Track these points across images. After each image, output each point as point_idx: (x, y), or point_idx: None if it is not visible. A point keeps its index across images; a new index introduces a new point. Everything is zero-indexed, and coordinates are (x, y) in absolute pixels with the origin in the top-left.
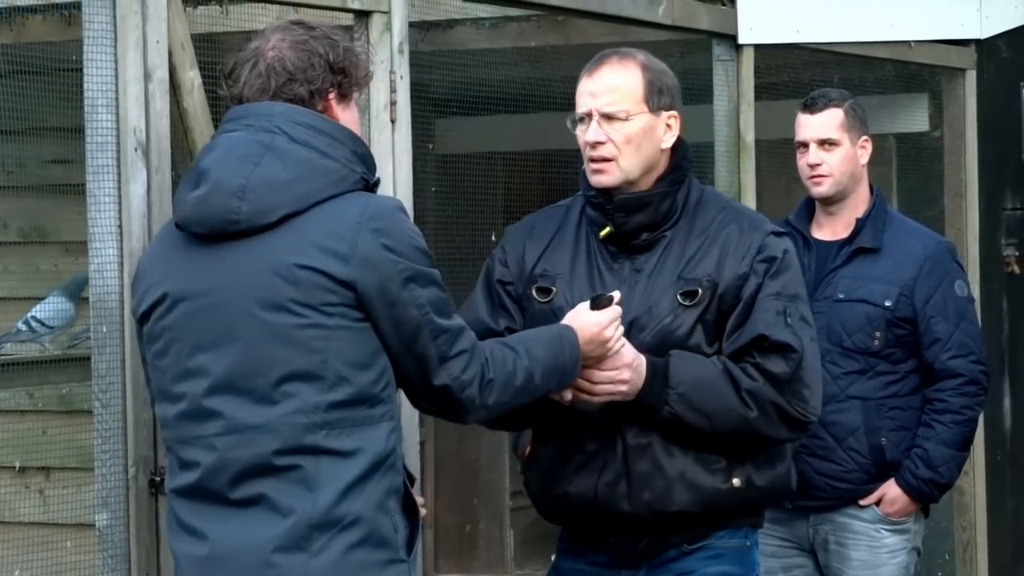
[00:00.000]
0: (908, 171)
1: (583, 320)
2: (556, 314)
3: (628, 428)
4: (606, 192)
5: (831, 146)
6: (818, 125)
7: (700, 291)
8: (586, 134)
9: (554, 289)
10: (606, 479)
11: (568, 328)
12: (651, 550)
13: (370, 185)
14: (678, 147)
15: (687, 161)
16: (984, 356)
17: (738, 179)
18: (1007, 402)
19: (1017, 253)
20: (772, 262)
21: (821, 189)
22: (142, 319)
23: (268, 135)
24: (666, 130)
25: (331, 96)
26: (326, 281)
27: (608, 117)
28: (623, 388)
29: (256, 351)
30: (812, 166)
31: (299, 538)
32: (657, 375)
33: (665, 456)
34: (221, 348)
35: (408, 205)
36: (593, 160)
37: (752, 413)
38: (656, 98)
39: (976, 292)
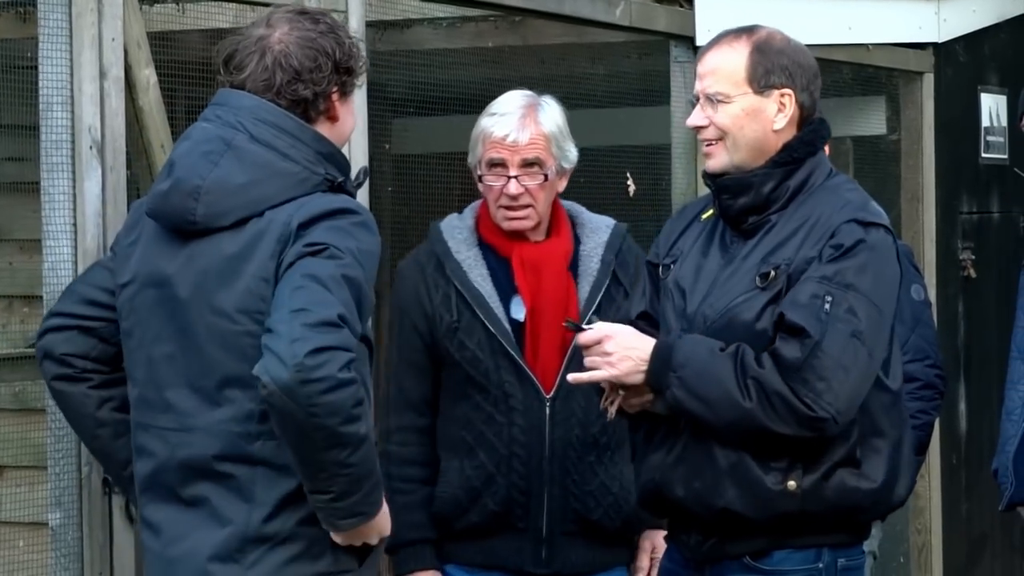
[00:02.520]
0: (865, 174)
1: None
2: (665, 292)
3: None
4: (715, 175)
5: None
6: None
7: (774, 273)
8: (691, 118)
9: (673, 267)
10: (668, 461)
11: None
12: (713, 555)
13: (336, 185)
14: (801, 126)
15: (804, 143)
16: (940, 360)
17: (695, 180)
18: (963, 406)
19: (973, 257)
20: (838, 248)
21: None
22: (119, 287)
23: (231, 131)
24: (779, 109)
25: (334, 95)
26: (264, 287)
27: (711, 100)
28: (610, 361)
29: (203, 352)
30: None
31: (233, 550)
32: (661, 355)
33: (719, 445)
34: (179, 342)
35: (364, 205)
36: (702, 143)
37: (749, 403)
38: (764, 77)
39: (932, 296)
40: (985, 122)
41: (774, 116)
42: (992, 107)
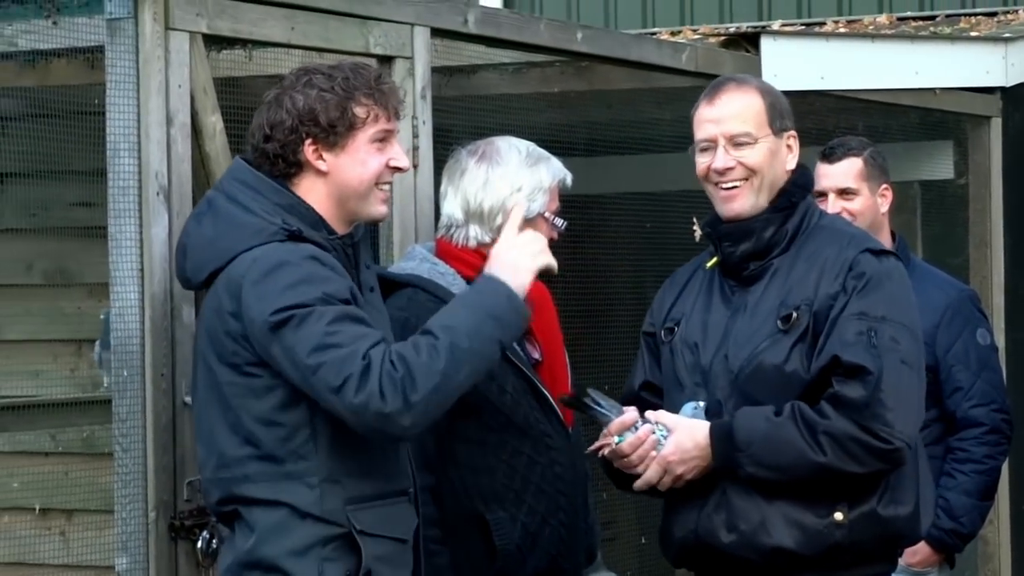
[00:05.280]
0: (933, 219)
1: (498, 249)
2: (673, 351)
3: None
4: (717, 223)
5: (850, 195)
6: (837, 175)
7: (795, 315)
8: (714, 161)
9: (677, 328)
10: (707, 511)
11: (486, 275)
12: None
13: (294, 233)
14: (791, 172)
15: (798, 187)
16: (1007, 405)
17: None
18: None
19: None
20: (860, 278)
21: None
22: None
23: (215, 192)
24: (788, 151)
25: (308, 149)
26: (230, 341)
27: (735, 142)
28: (682, 479)
29: (200, 405)
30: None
31: (233, 575)
32: (723, 441)
33: (758, 486)
34: (194, 400)
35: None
36: (722, 187)
37: (823, 457)
38: (779, 120)
39: (1001, 341)
40: None
41: (786, 157)
42: None
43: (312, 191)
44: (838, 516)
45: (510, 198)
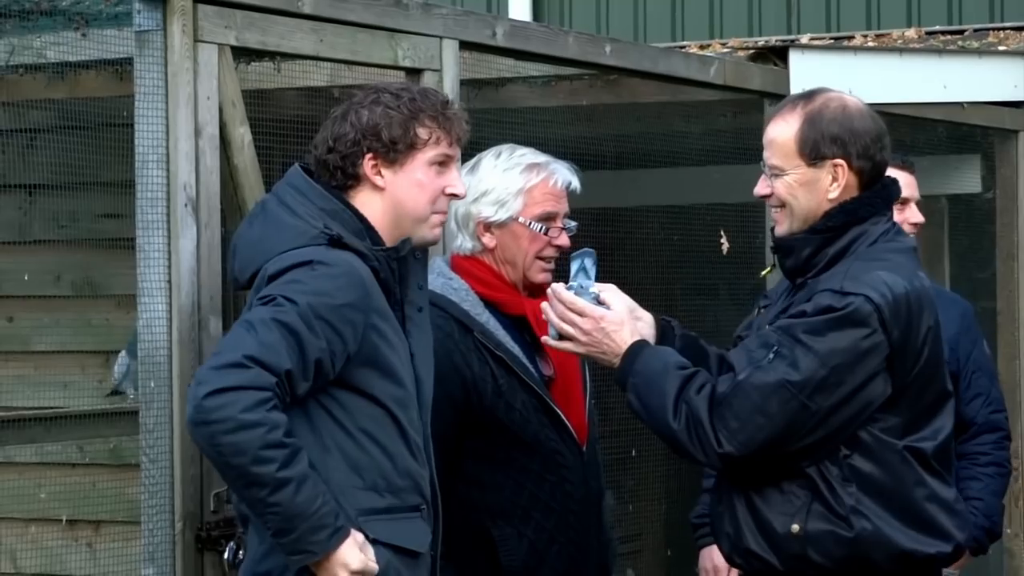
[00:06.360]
0: (960, 232)
1: None
2: (753, 330)
3: None
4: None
5: (919, 205)
6: (915, 185)
7: (768, 328)
8: (756, 185)
9: (761, 312)
10: (719, 510)
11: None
12: None
13: (335, 239)
14: (864, 189)
15: (846, 212)
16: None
17: None
18: None
19: None
20: (802, 314)
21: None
22: None
23: (269, 196)
24: (833, 179)
25: (368, 163)
26: None
27: (771, 172)
28: (579, 336)
29: None
30: (916, 225)
31: None
32: (630, 357)
33: (739, 490)
34: None
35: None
36: (770, 208)
37: (676, 424)
38: (815, 150)
39: None
40: None
41: (828, 186)
42: None
43: (368, 205)
44: (794, 528)
45: (474, 205)
